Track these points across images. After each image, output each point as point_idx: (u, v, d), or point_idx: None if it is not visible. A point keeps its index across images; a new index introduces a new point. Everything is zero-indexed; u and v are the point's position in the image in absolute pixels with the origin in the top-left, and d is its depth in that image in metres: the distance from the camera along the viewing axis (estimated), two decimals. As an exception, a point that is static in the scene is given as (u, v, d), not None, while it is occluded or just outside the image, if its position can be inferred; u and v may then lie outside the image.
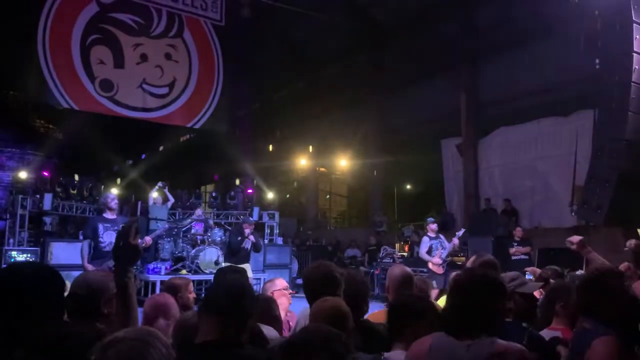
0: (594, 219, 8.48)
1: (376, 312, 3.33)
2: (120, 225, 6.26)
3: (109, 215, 6.30)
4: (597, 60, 8.59)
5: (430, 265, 8.50)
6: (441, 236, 8.76)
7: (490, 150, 14.58)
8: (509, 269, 7.70)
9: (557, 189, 12.46)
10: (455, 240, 8.64)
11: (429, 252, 8.54)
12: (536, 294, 3.59)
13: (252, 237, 8.41)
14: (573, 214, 10.28)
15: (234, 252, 8.53)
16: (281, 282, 3.86)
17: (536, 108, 12.82)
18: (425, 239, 8.75)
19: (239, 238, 8.46)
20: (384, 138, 17.79)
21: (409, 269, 3.46)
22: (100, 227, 6.14)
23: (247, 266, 8.08)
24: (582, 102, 11.35)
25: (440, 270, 8.42)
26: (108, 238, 6.08)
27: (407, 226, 16.40)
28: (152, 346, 1.31)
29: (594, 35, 8.94)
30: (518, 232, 10.15)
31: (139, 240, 5.55)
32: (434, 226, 8.77)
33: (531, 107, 12.90)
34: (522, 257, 9.65)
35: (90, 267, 6.01)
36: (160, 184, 11.95)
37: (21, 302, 1.59)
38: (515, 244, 9.93)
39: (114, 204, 6.34)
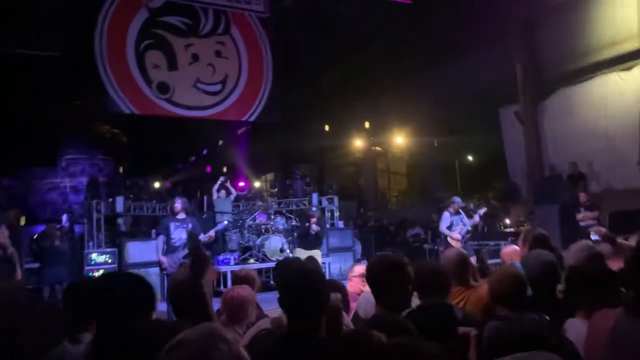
0: (666, 177, 8.07)
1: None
2: (189, 224, 7.09)
3: (179, 216, 7.38)
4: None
5: (449, 239, 8.95)
6: (462, 213, 9.34)
7: (551, 114, 14.07)
8: (579, 236, 7.52)
9: (624, 149, 11.89)
10: (476, 218, 9.34)
11: (449, 227, 9.07)
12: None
13: (314, 227, 8.96)
14: (643, 173, 9.83)
15: (303, 238, 9.46)
16: (359, 269, 4.02)
17: (595, 66, 12.27)
18: (446, 214, 9.28)
19: (307, 224, 9.33)
20: (440, 111, 17.46)
21: (464, 251, 3.49)
22: (172, 225, 7.20)
23: (316, 252, 8.74)
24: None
25: (459, 245, 8.70)
26: (178, 235, 7.10)
27: (472, 199, 16.11)
28: (216, 347, 1.33)
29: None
30: (582, 197, 9.83)
31: (202, 236, 5.90)
32: (457, 205, 9.30)
33: (590, 65, 12.37)
34: (591, 222, 9.34)
35: (164, 259, 7.09)
36: (222, 178, 12.36)
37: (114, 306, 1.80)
38: (583, 209, 9.61)
39: (177, 207, 7.46)
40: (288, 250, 10.54)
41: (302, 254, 8.50)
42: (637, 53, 11.10)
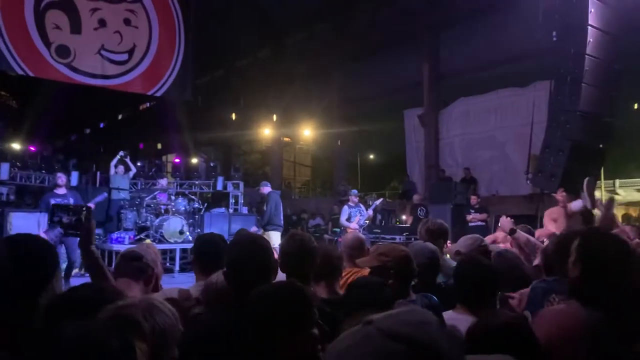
0: (547, 187, 8.81)
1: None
2: (70, 199, 6.83)
3: (59, 191, 7.50)
4: (554, 33, 8.81)
5: (348, 230, 9.23)
6: (360, 205, 9.94)
7: (451, 120, 14.90)
8: (466, 235, 8.05)
9: (514, 158, 12.89)
10: (370, 211, 9.92)
11: (348, 219, 9.59)
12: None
13: None
14: (528, 182, 10.67)
15: None
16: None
17: (495, 79, 13.14)
18: (345, 207, 9.83)
19: None
20: (348, 108, 17.88)
21: (362, 236, 3.61)
22: (52, 201, 7.06)
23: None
24: (539, 74, 11.67)
25: None
26: None
27: (370, 195, 16.68)
28: (161, 310, 1.40)
29: (552, 8, 9.15)
30: (473, 200, 10.56)
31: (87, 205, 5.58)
32: (355, 198, 9.90)
33: (490, 78, 13.20)
34: (479, 223, 10.03)
35: (44, 235, 6.65)
36: (121, 153, 11.77)
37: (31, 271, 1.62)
38: (472, 211, 10.30)
39: (60, 181, 7.56)
40: (188, 233, 10.29)
41: None
42: (533, 70, 12.01)
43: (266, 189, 9.94)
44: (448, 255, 3.89)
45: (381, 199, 10.96)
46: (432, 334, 0.80)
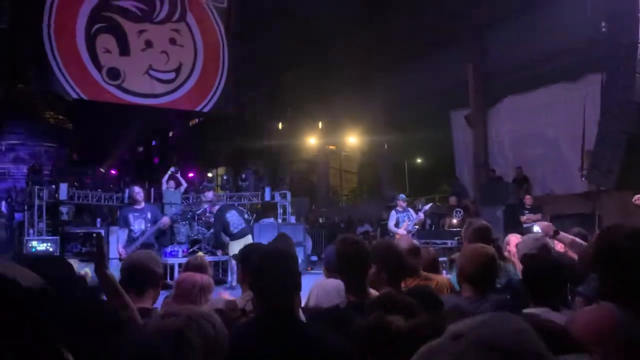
0: (604, 183, 8.48)
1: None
2: (148, 213, 6.76)
3: (138, 205, 7.03)
4: (602, 24, 8.50)
5: (397, 236, 9.06)
6: (409, 210, 9.75)
7: (500, 119, 14.54)
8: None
9: (567, 155, 12.43)
10: (421, 215, 9.63)
11: (396, 225, 9.45)
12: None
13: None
14: (583, 179, 10.28)
15: None
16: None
17: (544, 75, 12.75)
18: (392, 213, 9.70)
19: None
20: (393, 113, 17.75)
21: (415, 241, 3.56)
22: (131, 216, 6.88)
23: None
24: (589, 67, 11.26)
25: None
26: (138, 225, 6.85)
27: (419, 199, 16.44)
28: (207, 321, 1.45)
29: (600, -2, 8.85)
30: (528, 200, 10.24)
31: (158, 222, 5.70)
32: (403, 203, 9.72)
33: (538, 74, 12.83)
34: (534, 224, 9.71)
35: (123, 251, 6.80)
36: (172, 169, 12.11)
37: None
38: (526, 211, 10.01)
39: (139, 196, 7.09)
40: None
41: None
42: (582, 64, 11.60)
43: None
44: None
45: (431, 204, 10.70)
46: (532, 342, 0.75)
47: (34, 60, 12.16)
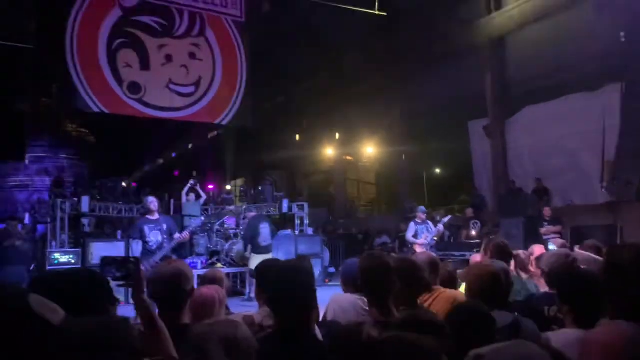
0: (624, 195, 8.38)
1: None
2: (164, 225, 6.65)
3: (152, 216, 6.84)
4: (621, 33, 8.43)
5: (416, 247, 9.13)
6: (428, 222, 9.65)
7: (518, 130, 14.43)
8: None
9: (587, 166, 12.28)
10: (440, 227, 9.56)
11: (415, 236, 9.38)
12: None
13: None
14: (604, 190, 10.15)
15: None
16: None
17: (563, 85, 12.63)
18: (411, 224, 9.62)
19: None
20: (410, 123, 17.73)
21: (434, 255, 3.56)
22: (146, 228, 6.68)
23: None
24: (609, 76, 11.14)
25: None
26: (154, 237, 6.65)
27: (438, 211, 16.35)
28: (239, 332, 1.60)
29: (619, 8, 8.78)
30: (547, 212, 10.13)
31: (177, 235, 5.72)
32: (423, 215, 9.66)
33: (557, 84, 12.71)
34: (553, 236, 9.59)
35: (143, 267, 6.47)
36: (192, 181, 12.26)
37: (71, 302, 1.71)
38: (546, 223, 9.90)
39: (153, 206, 6.89)
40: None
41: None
42: (601, 73, 11.48)
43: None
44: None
45: (450, 216, 10.62)
46: None
47: (56, 77, 12.46)
